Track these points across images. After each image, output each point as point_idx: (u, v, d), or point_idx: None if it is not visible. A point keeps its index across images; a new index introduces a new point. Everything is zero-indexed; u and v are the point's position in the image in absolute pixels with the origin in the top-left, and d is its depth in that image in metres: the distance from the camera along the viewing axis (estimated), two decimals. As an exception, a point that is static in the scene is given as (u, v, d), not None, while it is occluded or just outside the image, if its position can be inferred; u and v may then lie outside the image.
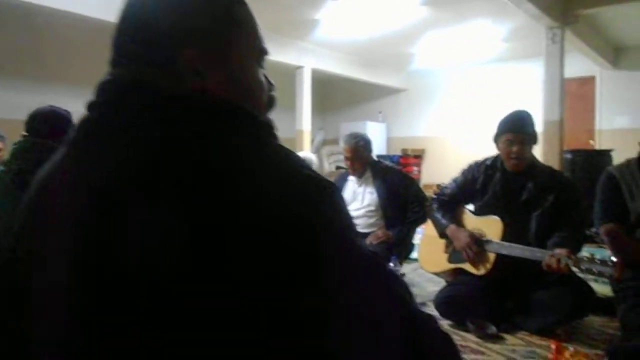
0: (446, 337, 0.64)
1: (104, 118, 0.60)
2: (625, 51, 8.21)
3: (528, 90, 8.17)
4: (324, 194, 0.56)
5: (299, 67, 8.49)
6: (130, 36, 0.62)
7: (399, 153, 10.34)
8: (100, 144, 0.58)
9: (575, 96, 8.52)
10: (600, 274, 1.99)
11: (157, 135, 0.55)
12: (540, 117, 5.96)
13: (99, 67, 0.64)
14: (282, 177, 0.54)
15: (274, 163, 0.56)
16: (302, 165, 0.58)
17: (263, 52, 0.70)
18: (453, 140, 9.90)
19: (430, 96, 10.48)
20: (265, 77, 0.71)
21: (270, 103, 0.72)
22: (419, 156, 10.36)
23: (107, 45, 0.64)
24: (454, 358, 0.66)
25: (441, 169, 8.67)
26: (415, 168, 10.05)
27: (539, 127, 6.03)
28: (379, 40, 7.91)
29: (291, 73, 8.67)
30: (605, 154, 5.27)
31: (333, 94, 11.75)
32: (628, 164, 2.55)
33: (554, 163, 5.19)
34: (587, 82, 8.58)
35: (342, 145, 3.47)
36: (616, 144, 5.82)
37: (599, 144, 8.18)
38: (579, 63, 7.80)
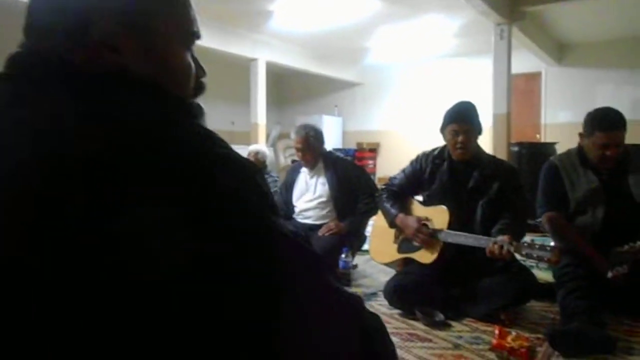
0: (375, 316, 0.63)
1: (12, 91, 0.56)
2: (569, 48, 8.55)
3: (478, 85, 8.39)
4: (244, 175, 0.53)
5: (253, 60, 8.41)
6: (44, 5, 0.59)
7: (354, 147, 10.42)
8: (6, 119, 0.54)
9: (522, 91, 8.83)
10: (539, 259, 2.05)
11: (68, 109, 0.52)
12: (489, 110, 6.15)
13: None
14: (198, 157, 0.52)
15: (190, 142, 0.53)
16: (221, 145, 0.55)
17: (194, 35, 0.67)
18: (407, 134, 10.06)
19: (385, 90, 10.61)
20: (197, 63, 0.68)
21: (199, 89, 0.69)
22: (374, 150, 10.48)
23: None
24: (386, 336, 0.65)
25: (396, 162, 8.74)
26: (370, 162, 10.16)
27: (488, 120, 6.25)
28: (333, 33, 7.92)
29: (245, 65, 8.57)
30: (549, 147, 5.47)
31: (289, 87, 11.70)
32: (569, 154, 2.65)
33: (502, 155, 5.35)
34: (533, 78, 8.90)
35: (292, 136, 3.45)
36: (560, 137, 6.05)
37: (544, 137, 8.51)
38: (526, 59, 8.08)
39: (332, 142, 9.91)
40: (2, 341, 0.47)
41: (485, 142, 3.81)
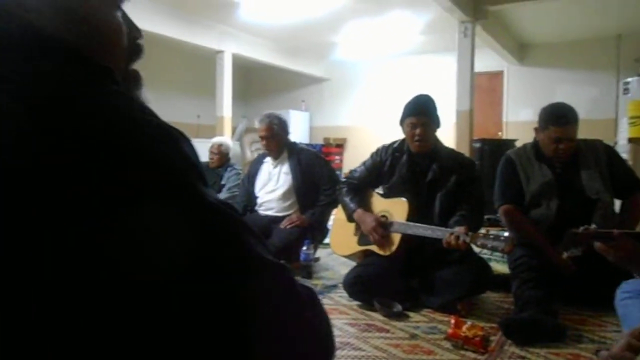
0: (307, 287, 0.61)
1: None
2: (531, 48, 8.78)
3: (443, 82, 8.49)
4: (169, 142, 0.51)
5: (219, 52, 8.29)
6: None
7: (321, 142, 10.42)
8: None
9: (485, 90, 9.02)
10: (493, 248, 2.08)
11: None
12: (453, 107, 6.25)
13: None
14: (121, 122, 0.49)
15: (112, 110, 0.50)
16: (145, 112, 0.52)
17: None
18: (374, 130, 10.11)
19: (352, 86, 10.64)
20: (129, 22, 0.63)
21: (135, 52, 0.65)
22: (340, 145, 10.51)
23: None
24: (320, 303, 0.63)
25: (362, 158, 8.73)
26: (337, 157, 10.19)
27: (451, 117, 6.34)
28: (301, 27, 7.88)
29: (211, 58, 8.44)
30: (509, 143, 5.59)
31: (256, 81, 11.60)
32: (524, 148, 2.71)
33: (465, 150, 5.44)
34: (496, 77, 9.10)
35: (257, 125, 3.42)
36: (521, 134, 6.19)
37: (505, 134, 8.71)
38: (489, 58, 8.26)
39: (299, 137, 9.88)
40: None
41: (449, 138, 3.88)
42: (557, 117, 2.47)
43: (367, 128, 10.32)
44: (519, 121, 8.64)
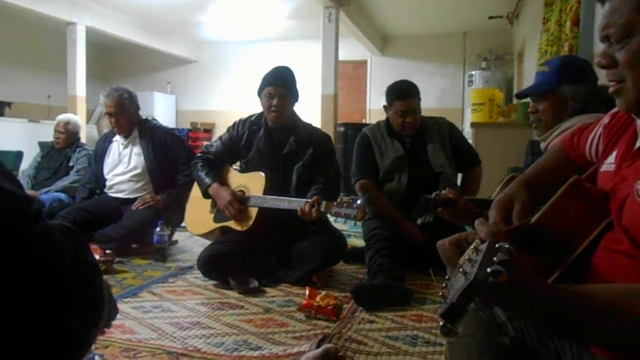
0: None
1: None
2: (391, 40, 9.29)
3: (311, 70, 8.61)
4: None
5: (71, 24, 7.49)
6: None
7: (188, 127, 9.98)
8: None
9: (351, 78, 9.36)
10: (346, 216, 2.09)
11: None
12: (320, 93, 6.38)
13: None
14: None
15: None
16: None
17: None
18: (244, 115, 9.91)
19: (221, 70, 10.34)
20: None
21: None
22: (209, 130, 10.17)
23: None
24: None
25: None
26: (205, 142, 9.84)
27: (318, 103, 6.43)
28: (164, 2, 7.42)
29: (61, 30, 7.59)
30: (371, 127, 5.88)
31: (117, 60, 10.73)
32: (378, 125, 2.81)
33: (329, 134, 5.56)
34: (360, 66, 9.49)
35: (102, 100, 3.10)
36: (382, 120, 6.56)
37: (369, 121, 9.13)
38: (354, 48, 8.56)
39: (164, 121, 9.31)
40: None
41: (315, 121, 3.93)
42: (400, 92, 2.62)
43: (237, 113, 9.95)
44: (381, 109, 9.09)
